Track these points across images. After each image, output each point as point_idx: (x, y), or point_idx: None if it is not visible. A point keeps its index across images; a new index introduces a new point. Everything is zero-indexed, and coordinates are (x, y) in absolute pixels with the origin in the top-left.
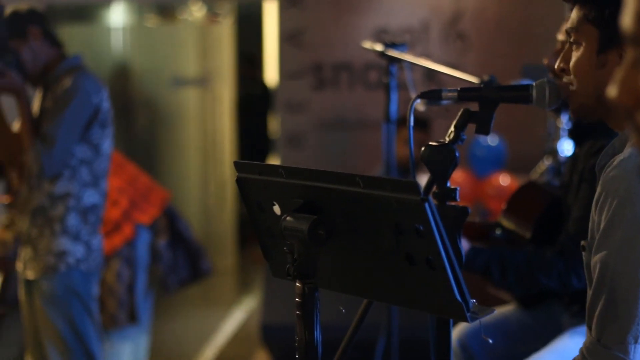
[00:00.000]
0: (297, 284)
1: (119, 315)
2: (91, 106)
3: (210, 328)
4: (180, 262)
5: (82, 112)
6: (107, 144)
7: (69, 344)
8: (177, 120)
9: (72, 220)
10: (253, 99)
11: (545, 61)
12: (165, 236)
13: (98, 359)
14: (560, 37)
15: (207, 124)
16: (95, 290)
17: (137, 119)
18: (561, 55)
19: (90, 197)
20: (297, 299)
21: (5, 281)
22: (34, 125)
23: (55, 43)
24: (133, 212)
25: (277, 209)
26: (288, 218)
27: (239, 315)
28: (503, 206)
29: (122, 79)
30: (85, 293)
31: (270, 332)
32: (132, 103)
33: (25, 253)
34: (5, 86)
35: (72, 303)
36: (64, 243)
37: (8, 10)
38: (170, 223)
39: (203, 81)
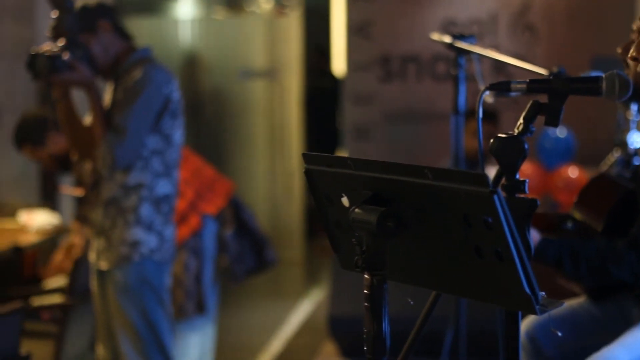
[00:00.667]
0: (366, 276)
1: (187, 306)
2: (161, 96)
3: (277, 320)
4: (246, 252)
5: (153, 103)
6: (179, 135)
7: (141, 334)
8: (245, 112)
9: (145, 210)
10: (323, 91)
11: (619, 50)
12: (231, 226)
13: (169, 350)
14: (635, 26)
15: (275, 116)
16: (168, 280)
17: (205, 111)
18: (636, 43)
19: (162, 187)
20: (365, 291)
21: (75, 272)
22: (106, 117)
23: (125, 36)
24: (199, 203)
25: (345, 200)
26: (356, 210)
27: (306, 307)
28: (575, 198)
29: (190, 71)
30: (158, 283)
31: (337, 323)
32: (200, 95)
33: (98, 244)
34: (76, 80)
35: (145, 293)
36: (138, 233)
37: (78, 4)
38: (236, 213)
39: (271, 73)
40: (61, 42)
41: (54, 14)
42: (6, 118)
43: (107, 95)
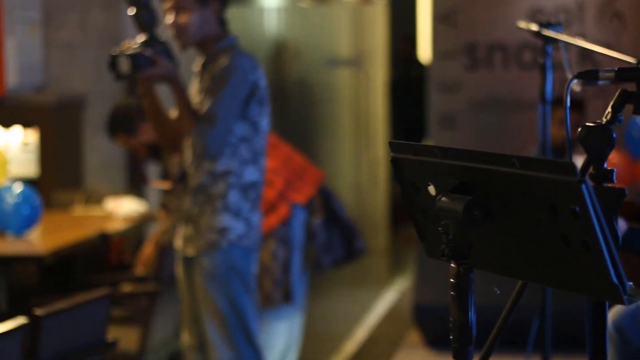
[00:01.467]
0: (452, 265)
1: (275, 295)
2: (248, 83)
3: (362, 308)
4: (335, 242)
5: (241, 90)
6: (265, 122)
7: (228, 320)
8: (330, 101)
9: (233, 197)
10: (408, 79)
11: None
12: (320, 215)
13: (255, 337)
14: None
15: (360, 104)
16: (255, 268)
17: (291, 100)
18: None
19: (250, 174)
20: (451, 280)
21: (161, 260)
22: (193, 107)
23: (222, 22)
24: (288, 192)
25: (431, 189)
26: (443, 199)
27: (391, 295)
28: None
29: (276, 60)
30: (245, 270)
31: (422, 312)
32: (286, 84)
33: (185, 231)
34: (159, 75)
35: (232, 280)
36: (226, 219)
37: None
38: (325, 202)
39: (356, 61)
40: (141, 38)
41: (131, 11)
42: (92, 107)
43: (194, 85)
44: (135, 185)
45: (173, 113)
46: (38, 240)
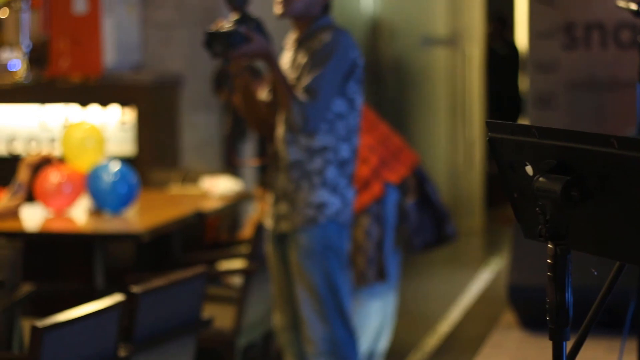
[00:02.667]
0: (549, 246)
1: (368, 272)
2: (349, 61)
3: (457, 288)
4: (426, 225)
5: (342, 67)
6: (360, 100)
7: (323, 297)
8: (426, 81)
9: (331, 173)
10: (504, 59)
11: None
12: (413, 197)
13: (349, 315)
14: None
15: (457, 84)
16: (347, 244)
17: (387, 80)
18: None
19: (344, 150)
20: (548, 261)
21: (256, 238)
22: (289, 82)
23: (326, 7)
24: (383, 171)
25: (529, 169)
26: (540, 179)
27: (486, 275)
28: None
29: (372, 40)
30: (340, 246)
31: (518, 293)
32: (381, 64)
33: (278, 208)
34: (254, 51)
35: (328, 256)
36: (324, 195)
37: None
38: (419, 185)
39: (452, 41)
40: (234, 17)
41: None
42: (189, 86)
43: (284, 59)
44: (230, 164)
45: (261, 94)
46: (135, 218)
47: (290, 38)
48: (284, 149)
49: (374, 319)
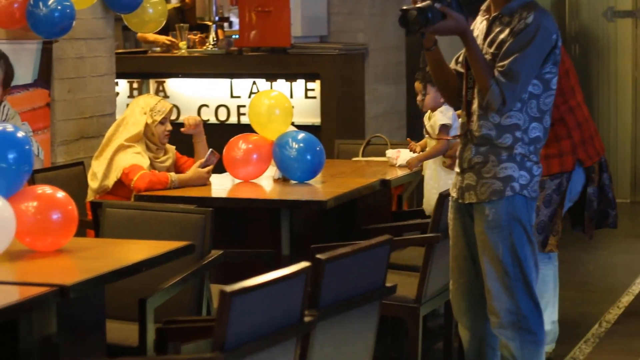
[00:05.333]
0: None
1: (540, 239)
2: (550, 43)
3: (638, 261)
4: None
5: (543, 49)
6: (555, 81)
7: (508, 269)
8: (611, 53)
9: (519, 149)
10: None
11: None
12: (594, 183)
13: (534, 288)
14: None
15: None
16: (534, 217)
17: (572, 52)
18: None
19: (534, 130)
20: None
21: (439, 207)
22: (485, 60)
23: None
24: (579, 149)
25: None
26: None
27: None
28: None
29: (556, 13)
30: (527, 219)
31: None
32: (565, 37)
33: (463, 179)
34: (450, 28)
35: (514, 229)
36: (510, 168)
37: None
38: (600, 173)
39: (637, 13)
40: None
41: None
42: (374, 58)
43: (476, 32)
44: (414, 136)
45: (453, 66)
46: (319, 186)
47: (484, 12)
48: (475, 123)
49: (549, 286)
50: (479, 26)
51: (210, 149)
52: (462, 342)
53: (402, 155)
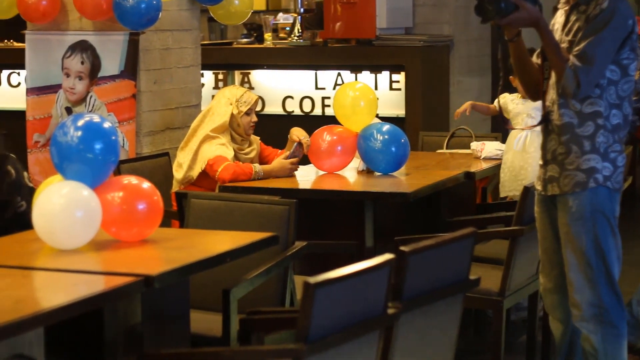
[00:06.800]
0: None
1: None
2: (626, 28)
3: None
4: None
5: (618, 34)
6: (633, 67)
7: (591, 262)
8: None
9: (602, 138)
10: None
11: None
12: None
13: (616, 281)
14: None
15: None
16: (618, 209)
17: None
18: None
19: (615, 117)
20: None
21: (524, 199)
22: (560, 48)
23: None
24: None
25: None
26: None
27: None
28: None
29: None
30: (610, 211)
31: None
32: None
33: (547, 171)
34: (524, 19)
35: (598, 220)
36: (594, 160)
37: None
38: None
39: None
40: None
41: None
42: (459, 50)
43: (555, 24)
44: (498, 129)
45: (535, 60)
46: (404, 178)
47: (563, 2)
48: (556, 112)
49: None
50: (558, 19)
51: (298, 141)
52: (546, 335)
53: (486, 148)
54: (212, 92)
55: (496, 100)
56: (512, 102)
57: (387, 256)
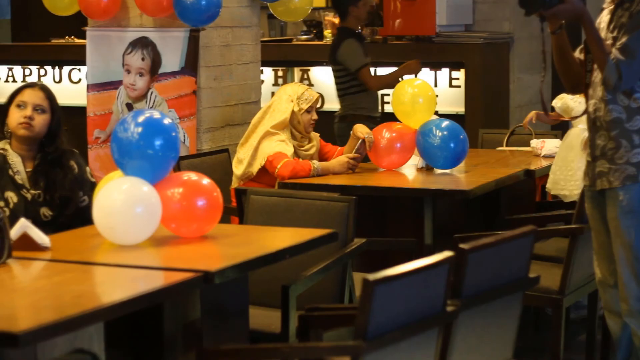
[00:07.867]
0: None
1: None
2: None
3: None
4: None
5: None
6: None
7: (638, 255)
8: None
9: None
10: None
11: None
12: None
13: None
14: None
15: None
16: None
17: None
18: None
19: None
20: None
21: (582, 198)
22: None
23: None
24: None
25: None
26: None
27: None
28: None
29: None
30: None
31: None
32: None
33: (595, 165)
34: (568, 12)
35: None
36: None
37: None
38: None
39: None
40: None
41: None
42: (519, 47)
43: (602, 20)
44: (558, 126)
45: (577, 55)
46: (463, 175)
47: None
48: (603, 107)
49: None
50: (604, 18)
51: (363, 138)
52: (606, 334)
53: (546, 145)
54: (271, 89)
55: (553, 103)
56: (573, 101)
57: (447, 254)
